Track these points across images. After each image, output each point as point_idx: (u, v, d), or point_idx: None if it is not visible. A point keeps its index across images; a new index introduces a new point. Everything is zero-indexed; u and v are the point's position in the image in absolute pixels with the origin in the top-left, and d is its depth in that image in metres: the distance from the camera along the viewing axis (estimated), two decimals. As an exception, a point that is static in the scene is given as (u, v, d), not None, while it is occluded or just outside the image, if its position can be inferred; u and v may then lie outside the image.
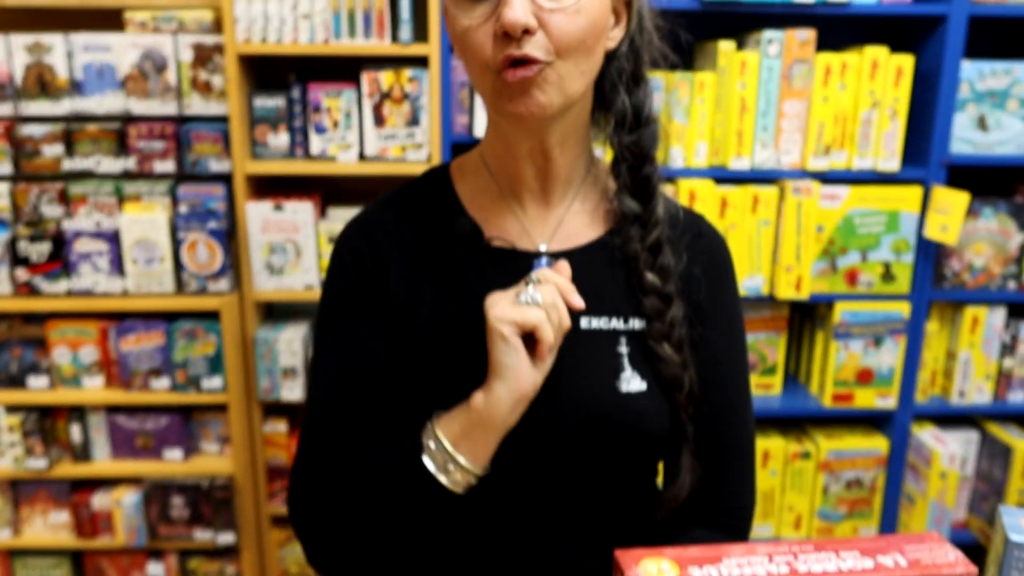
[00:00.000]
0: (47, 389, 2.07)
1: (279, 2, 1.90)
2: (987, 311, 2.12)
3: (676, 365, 0.86)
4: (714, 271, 0.93)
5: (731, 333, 0.94)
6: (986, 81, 1.99)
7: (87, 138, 1.99)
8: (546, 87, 0.79)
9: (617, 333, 0.88)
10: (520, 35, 0.76)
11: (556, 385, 0.84)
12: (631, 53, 0.88)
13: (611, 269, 0.89)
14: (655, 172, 0.90)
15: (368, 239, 0.91)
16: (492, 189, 0.92)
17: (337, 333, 0.90)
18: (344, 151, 2.01)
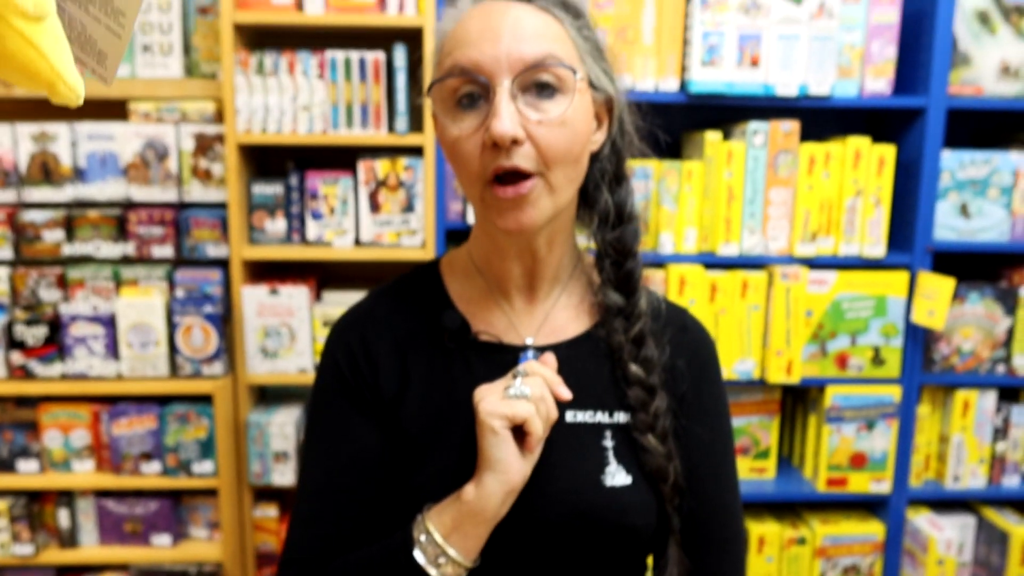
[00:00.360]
0: (37, 473, 2.05)
1: (279, 94, 1.96)
2: (978, 395, 2.13)
3: (661, 456, 0.87)
4: (698, 364, 0.94)
5: (717, 427, 0.94)
6: (966, 170, 2.05)
7: (88, 224, 2.02)
8: (536, 203, 0.82)
9: (602, 426, 0.88)
10: (509, 146, 0.79)
11: (542, 479, 0.84)
12: (613, 155, 0.92)
13: (596, 362, 0.91)
14: (637, 266, 0.92)
15: (359, 333, 0.93)
16: (480, 285, 0.94)
17: (327, 426, 0.91)
18: (340, 236, 2.05)
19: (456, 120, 0.82)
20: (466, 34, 0.82)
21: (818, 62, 1.96)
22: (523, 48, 0.79)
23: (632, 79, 1.97)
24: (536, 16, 0.82)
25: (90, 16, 0.45)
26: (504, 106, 0.78)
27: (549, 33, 0.82)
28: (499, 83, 0.79)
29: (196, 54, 2.07)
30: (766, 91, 1.97)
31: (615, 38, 1.96)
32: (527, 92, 0.81)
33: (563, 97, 0.81)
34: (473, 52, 0.80)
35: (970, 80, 2.04)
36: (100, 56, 0.46)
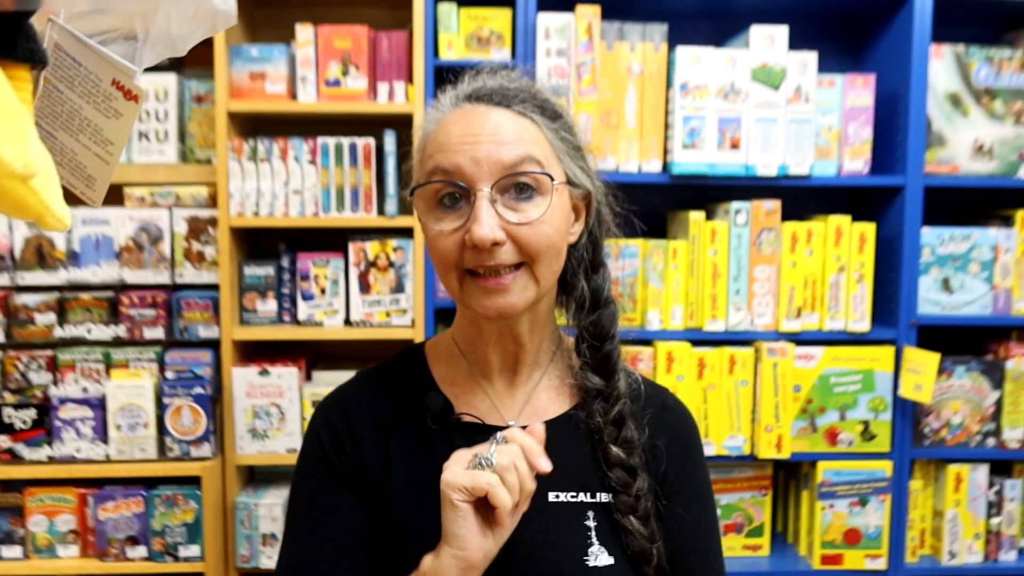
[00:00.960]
0: (20, 559, 2.02)
1: (272, 179, 2.01)
2: (969, 469, 2.12)
3: (643, 538, 0.87)
4: (679, 444, 0.95)
5: (700, 507, 0.95)
6: (947, 246, 2.09)
7: (80, 306, 2.04)
8: (520, 292, 0.85)
9: (584, 506, 0.89)
10: (490, 248, 0.82)
11: (525, 558, 0.85)
12: (590, 243, 0.96)
13: (577, 443, 0.92)
14: (615, 349, 0.94)
15: (344, 414, 0.94)
16: (463, 368, 0.96)
17: (310, 501, 0.92)
18: (331, 316, 2.07)
19: (438, 219, 0.86)
20: (447, 138, 0.86)
21: (796, 144, 2.02)
22: (502, 152, 0.83)
23: (616, 161, 2.03)
24: (514, 120, 0.86)
25: (80, 145, 0.47)
26: (484, 212, 0.82)
27: (527, 137, 0.86)
28: (479, 188, 0.83)
29: (191, 140, 2.12)
30: (747, 171, 2.02)
31: (599, 123, 2.01)
32: (506, 194, 0.84)
33: (541, 199, 0.85)
34: (455, 157, 0.84)
35: (946, 159, 2.09)
36: (89, 180, 0.48)
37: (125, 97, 0.45)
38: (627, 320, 2.08)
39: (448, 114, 0.89)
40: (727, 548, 2.15)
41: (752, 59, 1.99)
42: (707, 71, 1.99)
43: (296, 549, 0.91)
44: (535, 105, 0.88)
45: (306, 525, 0.91)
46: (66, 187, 0.49)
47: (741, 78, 2.00)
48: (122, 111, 0.46)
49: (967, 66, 2.07)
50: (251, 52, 2.01)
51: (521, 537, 0.85)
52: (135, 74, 0.45)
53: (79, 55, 0.44)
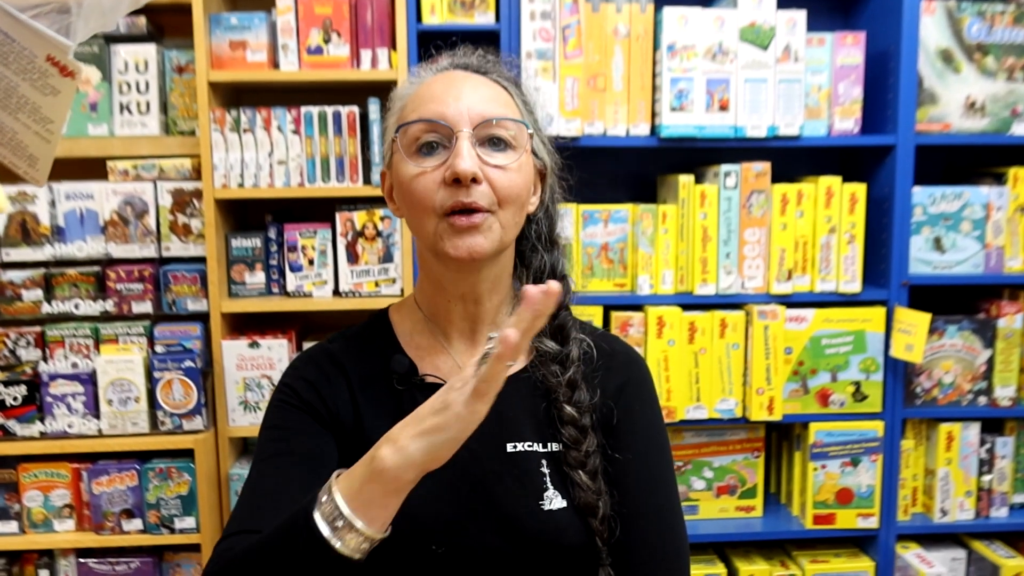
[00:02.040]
0: (17, 534, 2.03)
1: (256, 150, 1.98)
2: (961, 427, 2.13)
3: (591, 491, 0.92)
4: (629, 383, 1.01)
5: (649, 440, 1.00)
6: (938, 205, 2.07)
7: (67, 282, 2.03)
8: (488, 233, 0.91)
9: (539, 455, 0.95)
10: (469, 183, 0.88)
11: (484, 506, 0.91)
12: (546, 218, 1.03)
13: (533, 398, 0.97)
14: (568, 318, 1.01)
15: (318, 368, 0.99)
16: (426, 330, 1.01)
17: (281, 427, 0.95)
18: (319, 287, 2.06)
19: (417, 160, 0.91)
20: (431, 94, 0.93)
21: (786, 104, 1.99)
22: (483, 107, 0.91)
23: (604, 125, 2.00)
24: (491, 86, 0.96)
25: (20, 123, 0.46)
26: (466, 148, 0.88)
27: (502, 99, 0.95)
28: (460, 130, 0.90)
29: (173, 112, 2.09)
30: (736, 133, 2.00)
31: (585, 86, 1.99)
32: (483, 145, 0.91)
33: (514, 152, 0.93)
34: (438, 106, 0.91)
35: (937, 117, 2.07)
36: (31, 160, 0.47)
37: (61, 73, 0.44)
38: (617, 285, 2.08)
39: (429, 78, 0.96)
40: (720, 510, 2.17)
41: (740, 18, 1.96)
42: (694, 32, 1.96)
43: (263, 464, 0.93)
44: (509, 78, 0.99)
45: (275, 444, 0.93)
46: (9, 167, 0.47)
47: (729, 38, 1.96)
48: (59, 88, 0.44)
49: (959, 21, 2.04)
50: (231, 20, 1.97)
51: (482, 484, 0.92)
52: (69, 49, 0.43)
53: (11, 30, 0.43)
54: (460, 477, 0.91)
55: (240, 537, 0.84)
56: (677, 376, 2.03)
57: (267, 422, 0.97)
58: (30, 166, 0.47)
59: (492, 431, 0.92)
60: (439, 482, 0.87)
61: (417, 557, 0.89)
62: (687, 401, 2.05)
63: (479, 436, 0.89)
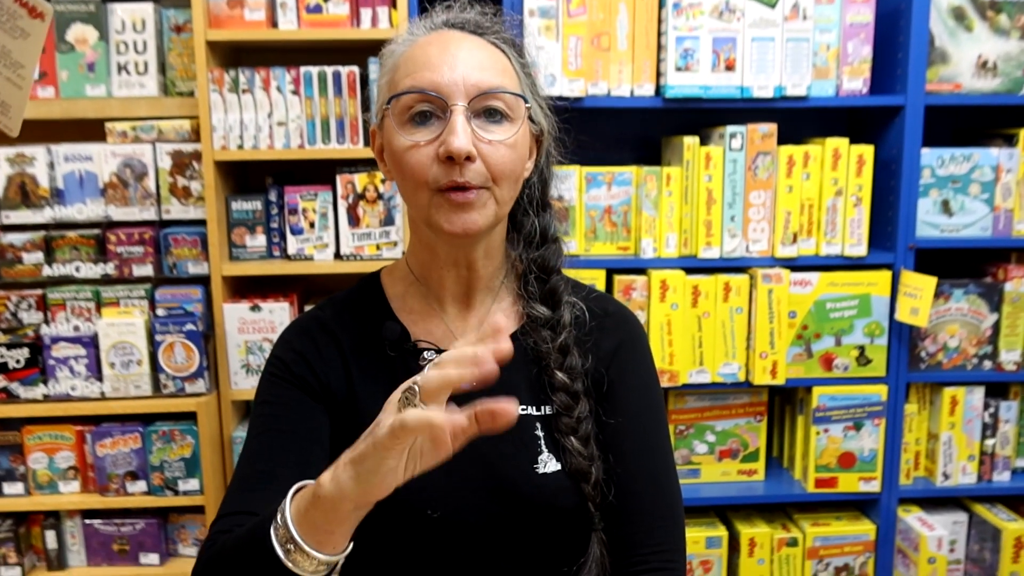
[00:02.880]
0: (23, 496, 2.05)
1: (255, 111, 1.96)
2: (965, 392, 2.12)
3: (583, 458, 0.92)
4: (622, 342, 1.00)
5: (643, 398, 0.99)
6: (947, 167, 2.04)
7: (67, 245, 2.02)
8: (482, 209, 0.89)
9: (533, 419, 0.94)
10: (463, 161, 0.85)
11: (479, 470, 0.90)
12: (539, 183, 1.01)
13: (526, 363, 0.96)
14: (560, 282, 0.99)
15: (309, 338, 0.98)
16: (418, 294, 1.00)
17: (273, 403, 0.95)
18: (320, 251, 2.04)
19: (409, 132, 0.88)
20: (425, 58, 0.88)
21: (793, 63, 1.96)
22: (479, 76, 0.87)
23: (608, 85, 1.97)
24: (488, 50, 0.91)
25: (-11, 68, 0.44)
26: (460, 124, 0.85)
27: (499, 66, 0.91)
28: (455, 104, 0.86)
29: (172, 72, 2.06)
30: (742, 93, 1.96)
31: (589, 45, 1.95)
32: (478, 117, 0.88)
33: (510, 124, 0.90)
34: (432, 75, 0.87)
35: (948, 77, 2.03)
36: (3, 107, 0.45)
37: (30, 15, 0.42)
38: (620, 249, 2.06)
39: (423, 37, 0.92)
40: (722, 473, 2.17)
41: (748, -25, 1.92)
42: (701, -12, 1.92)
43: (256, 441, 0.93)
44: (507, 40, 0.94)
45: (268, 420, 0.94)
46: (-18, 114, 0.46)
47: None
48: (29, 30, 0.43)
49: (972, -22, 1.99)
50: (228, -22, 1.93)
51: (476, 449, 0.85)
52: (38, -11, 0.42)
53: (-23, -31, 0.41)
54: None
55: (233, 520, 0.85)
56: (680, 340, 2.02)
57: (259, 397, 0.97)
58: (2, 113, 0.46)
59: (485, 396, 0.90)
60: None
61: (412, 522, 0.89)
62: (690, 365, 2.04)
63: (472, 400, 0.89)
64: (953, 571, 2.19)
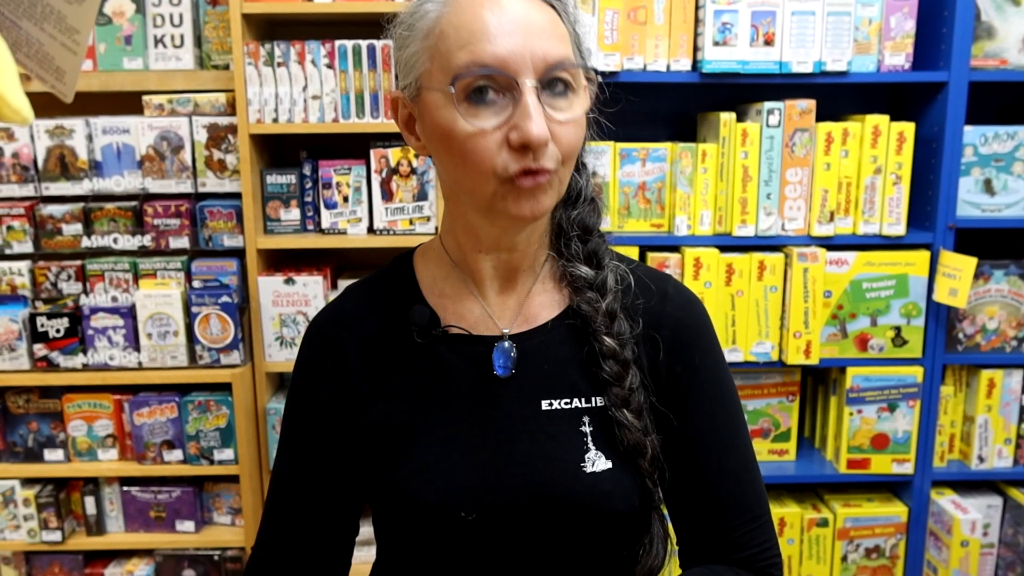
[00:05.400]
0: (63, 462, 2.10)
1: (290, 85, 1.96)
2: (1003, 374, 2.09)
3: (638, 431, 0.86)
4: (686, 332, 0.92)
5: (714, 390, 0.92)
6: (990, 145, 2.00)
7: (105, 216, 2.05)
8: (550, 191, 0.81)
9: (580, 412, 0.87)
10: (539, 147, 0.77)
11: (520, 470, 0.84)
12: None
13: (571, 347, 0.89)
14: (602, 244, 0.92)
15: (331, 336, 0.94)
16: (454, 277, 0.93)
17: (298, 427, 0.96)
18: (354, 225, 2.05)
19: (469, 116, 0.78)
20: (480, 24, 0.77)
21: (834, 38, 1.92)
22: (546, 47, 0.77)
23: (644, 60, 1.95)
24: (544, 11, 0.80)
25: (46, 34, 0.45)
26: (535, 108, 0.76)
27: (559, 31, 0.80)
28: (525, 83, 0.76)
29: (208, 46, 2.07)
30: (781, 68, 1.93)
31: (625, 19, 1.93)
32: (545, 92, 0.78)
33: (574, 96, 0.81)
34: (494, 47, 0.76)
35: (993, 53, 1.98)
36: (59, 72, 0.46)
37: (85, -21, 0.42)
38: (654, 226, 2.04)
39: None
40: (753, 453, 2.15)
41: (789, -53, 1.88)
42: (741, -39, 1.88)
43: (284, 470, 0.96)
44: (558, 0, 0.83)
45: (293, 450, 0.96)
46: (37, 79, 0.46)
47: (777, -32, 1.89)
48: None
49: (1022, -50, 1.93)
50: (264, -50, 1.93)
51: (516, 447, 0.85)
52: (93, -47, 0.42)
53: (33, -67, 0.41)
54: (489, 438, 0.86)
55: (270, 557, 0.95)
56: (713, 318, 2.00)
57: (288, 399, 0.98)
58: (57, 79, 0.46)
59: (525, 387, 0.88)
60: (465, 444, 0.86)
61: (446, 525, 0.84)
62: (722, 343, 2.02)
63: (510, 392, 0.88)
64: (986, 555, 2.17)
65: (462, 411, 0.88)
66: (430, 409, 0.88)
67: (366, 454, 0.90)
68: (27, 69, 0.46)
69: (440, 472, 0.84)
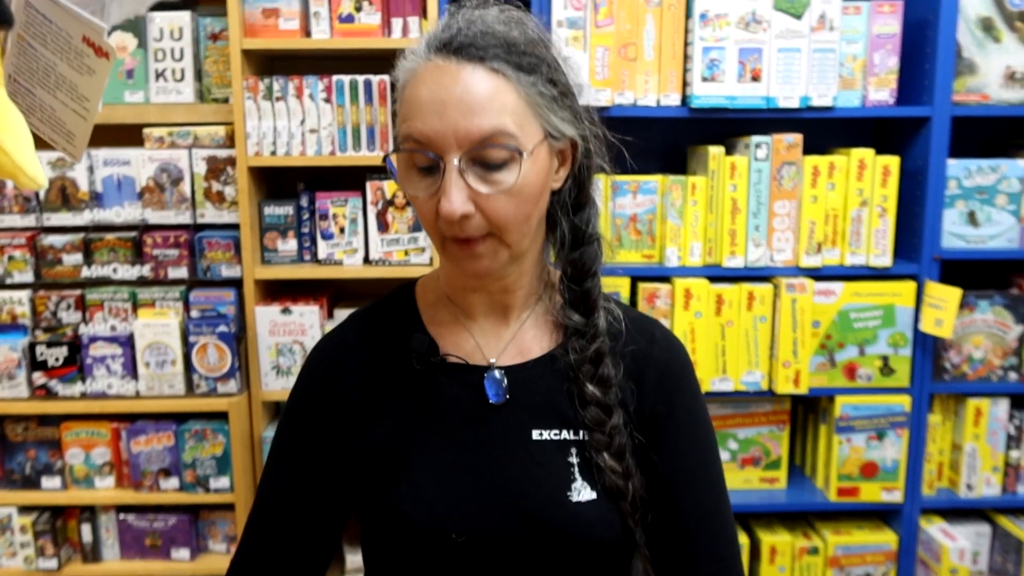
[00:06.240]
0: (60, 490, 2.11)
1: (288, 118, 2.01)
2: (990, 403, 2.11)
3: (618, 475, 0.88)
4: (669, 376, 0.95)
5: (693, 437, 0.95)
6: (973, 178, 2.04)
7: (105, 247, 2.08)
8: (491, 255, 0.86)
9: (567, 443, 0.90)
10: (459, 220, 0.81)
11: (509, 496, 0.88)
12: (575, 186, 0.93)
13: (561, 381, 0.92)
14: (596, 287, 0.94)
15: (333, 362, 0.97)
16: (449, 308, 0.97)
17: (289, 445, 0.98)
18: (350, 255, 2.09)
19: (412, 183, 0.85)
20: (418, 102, 0.82)
21: (819, 74, 1.97)
22: (471, 123, 0.80)
23: (634, 95, 1.99)
24: (487, 81, 0.81)
25: (58, 101, 0.48)
26: (452, 185, 0.80)
27: (499, 102, 0.81)
28: (448, 160, 0.80)
29: (208, 79, 2.12)
30: (768, 103, 1.98)
31: (616, 56, 1.98)
32: (476, 165, 0.81)
33: (513, 166, 0.82)
34: (424, 126, 0.81)
35: (975, 88, 2.03)
36: (69, 136, 0.49)
37: (96, 54, 0.46)
38: (645, 257, 2.08)
39: (420, 65, 0.84)
40: (744, 481, 2.18)
41: (775, -13, 1.93)
42: (727, 0, 1.93)
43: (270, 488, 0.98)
44: (511, 60, 0.82)
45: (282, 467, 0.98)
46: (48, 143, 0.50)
47: (763, 7, 1.94)
48: (95, 68, 0.46)
49: (1001, -10, 1.99)
50: (263, -12, 1.98)
51: (506, 474, 0.89)
52: (104, 31, 0.45)
53: (49, 12, 0.45)
54: (481, 464, 0.89)
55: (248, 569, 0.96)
56: (703, 348, 2.04)
57: (282, 421, 0.99)
58: (68, 142, 0.49)
59: (517, 418, 0.91)
60: (458, 468, 0.89)
61: (437, 546, 0.88)
62: (713, 373, 2.05)
63: (503, 423, 0.91)
64: (976, 583, 2.19)
65: (456, 437, 0.91)
66: (425, 434, 0.91)
67: (360, 475, 0.93)
68: (40, 133, 0.49)
69: (433, 494, 0.87)
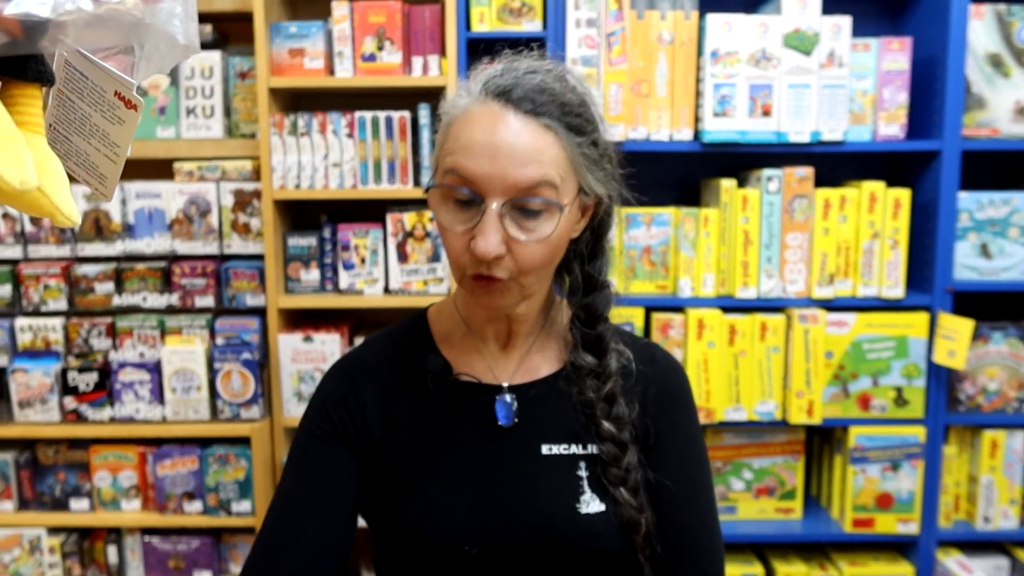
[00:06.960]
0: (88, 512, 2.18)
1: (311, 153, 2.08)
2: (1006, 435, 2.11)
3: (633, 509, 0.92)
4: (668, 392, 1.01)
5: (687, 450, 1.00)
6: (985, 211, 2.06)
7: (136, 276, 2.16)
8: (508, 295, 0.91)
9: (577, 457, 0.95)
10: (490, 260, 0.86)
11: (519, 507, 0.92)
12: (592, 237, 0.99)
13: (568, 401, 0.97)
14: (607, 330, 0.99)
15: (350, 381, 1.01)
16: (463, 331, 1.02)
17: (306, 453, 0.99)
18: (371, 285, 2.15)
19: (448, 213, 0.88)
20: (469, 139, 0.85)
21: (829, 109, 2.01)
22: (519, 172, 0.84)
23: (647, 131, 2.05)
24: (536, 135, 0.85)
25: (92, 147, 0.54)
26: (491, 227, 0.84)
27: (547, 156, 0.85)
28: (490, 202, 0.84)
29: (236, 115, 2.20)
30: (779, 138, 2.02)
31: (629, 92, 2.03)
32: (515, 211, 0.86)
33: (549, 218, 0.87)
34: (472, 165, 0.85)
35: (986, 122, 2.06)
36: (101, 177, 0.55)
37: (126, 106, 0.52)
38: (659, 287, 2.12)
39: (474, 106, 0.88)
40: (759, 511, 2.19)
41: (784, 25, 1.98)
42: (738, 38, 1.99)
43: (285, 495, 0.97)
44: (563, 120, 0.87)
45: (299, 473, 0.97)
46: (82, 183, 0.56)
47: (773, 44, 1.99)
48: (124, 118, 0.52)
49: (1009, 25, 2.02)
50: (290, 29, 2.07)
51: (517, 487, 0.93)
52: (133, 86, 0.51)
53: (86, 70, 0.51)
54: (492, 478, 0.93)
55: None
56: (716, 378, 2.07)
57: (298, 437, 1.01)
58: (100, 183, 0.55)
59: (526, 433, 0.96)
60: (470, 483, 0.94)
61: (450, 559, 0.91)
62: (726, 403, 2.08)
63: (512, 438, 0.96)
64: (994, 617, 2.17)
65: (467, 453, 0.95)
66: (438, 450, 0.96)
67: (375, 490, 0.97)
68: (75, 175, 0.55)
69: (446, 508, 0.91)
